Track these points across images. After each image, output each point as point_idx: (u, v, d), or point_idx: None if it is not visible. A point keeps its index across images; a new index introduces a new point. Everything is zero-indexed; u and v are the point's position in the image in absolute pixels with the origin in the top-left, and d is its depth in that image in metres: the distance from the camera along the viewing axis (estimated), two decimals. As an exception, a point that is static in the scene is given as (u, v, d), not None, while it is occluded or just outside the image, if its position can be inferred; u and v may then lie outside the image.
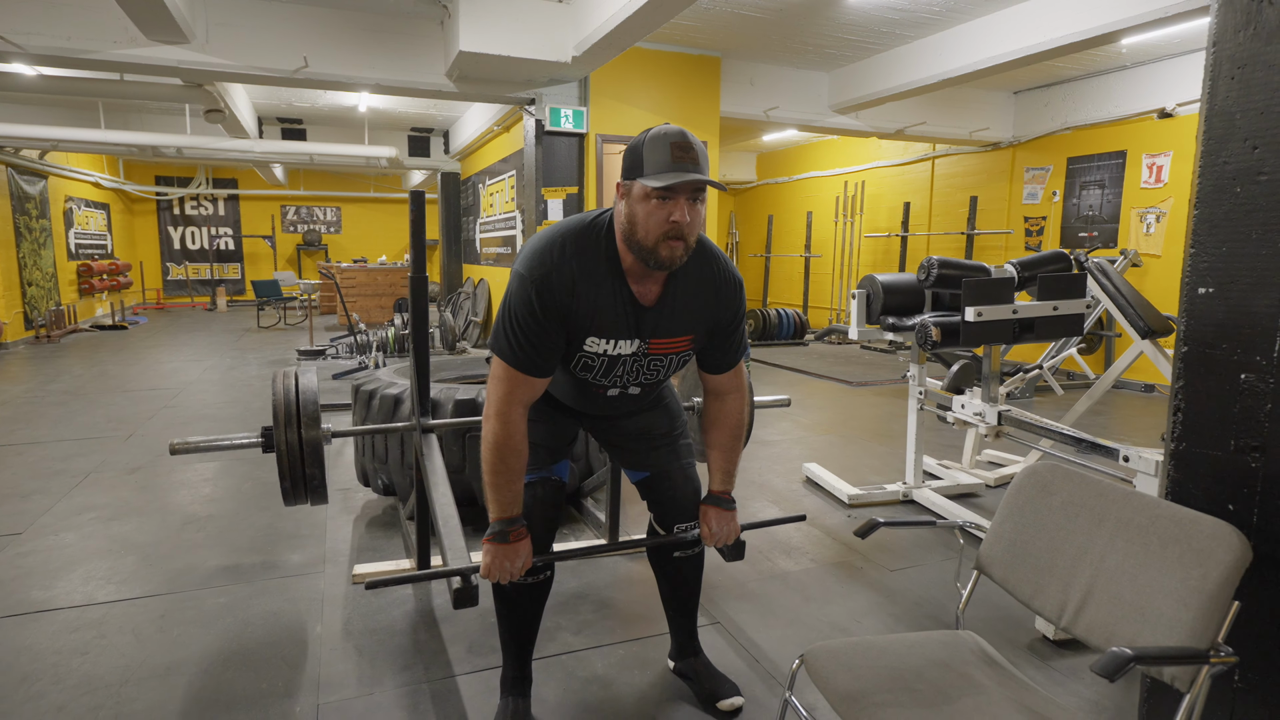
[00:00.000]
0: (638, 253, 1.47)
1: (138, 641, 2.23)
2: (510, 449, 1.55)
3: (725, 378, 1.74)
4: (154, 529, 3.11)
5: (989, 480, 3.74)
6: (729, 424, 1.77)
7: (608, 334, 1.55)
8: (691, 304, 1.60)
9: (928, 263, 2.93)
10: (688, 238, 1.45)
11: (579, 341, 1.56)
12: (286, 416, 2.13)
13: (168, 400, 5.62)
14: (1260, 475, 1.33)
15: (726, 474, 1.80)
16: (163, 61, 4.81)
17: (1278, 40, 1.28)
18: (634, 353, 1.60)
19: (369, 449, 3.23)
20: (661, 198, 1.41)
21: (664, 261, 1.46)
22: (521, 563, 1.60)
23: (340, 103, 8.48)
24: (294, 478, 2.16)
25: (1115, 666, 1.00)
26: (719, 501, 1.80)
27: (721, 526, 1.79)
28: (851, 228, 10.20)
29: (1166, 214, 6.57)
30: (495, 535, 1.58)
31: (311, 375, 2.24)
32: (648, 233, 1.43)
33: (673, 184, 1.38)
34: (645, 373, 1.66)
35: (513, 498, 1.58)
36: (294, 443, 2.13)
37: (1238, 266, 1.35)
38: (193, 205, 14.25)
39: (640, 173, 1.42)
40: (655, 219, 1.42)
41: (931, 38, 5.88)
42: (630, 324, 1.56)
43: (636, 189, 1.44)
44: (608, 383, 1.66)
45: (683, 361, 1.68)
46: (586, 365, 1.61)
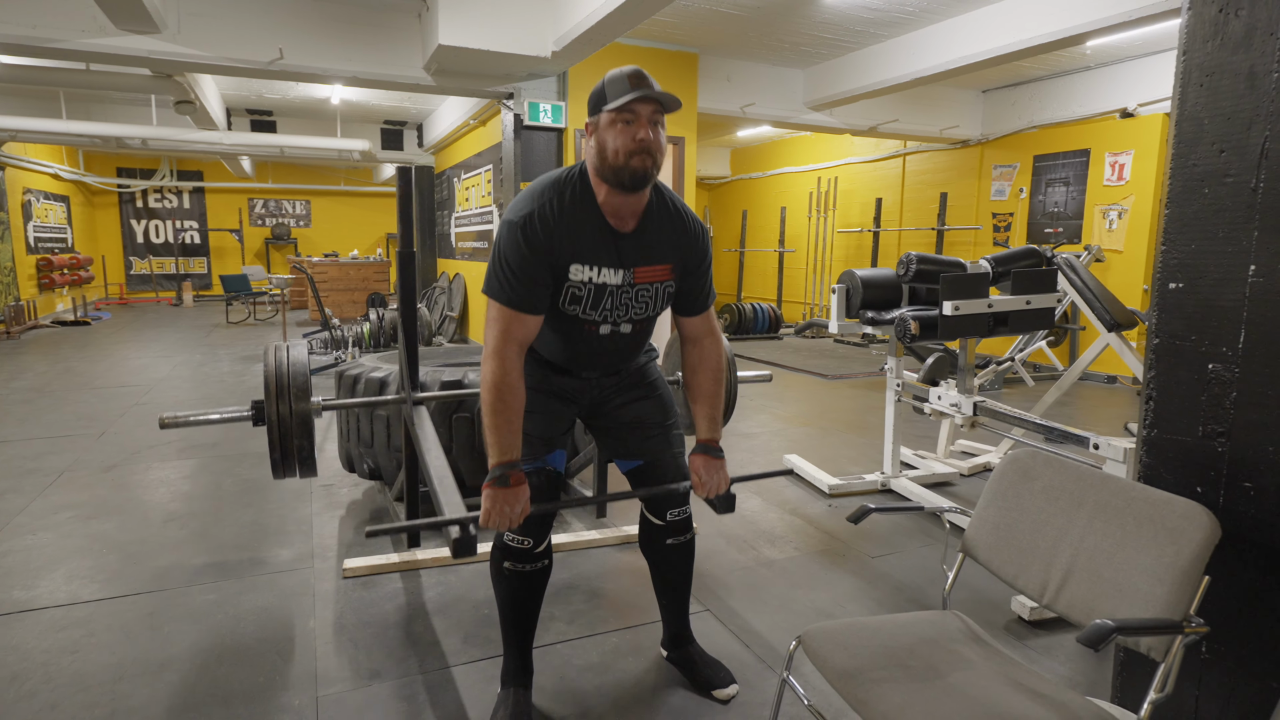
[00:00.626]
0: (611, 176, 1.59)
1: (128, 639, 2.22)
2: (508, 386, 1.60)
3: (700, 321, 1.83)
4: (135, 527, 3.08)
5: (963, 469, 3.86)
6: (709, 367, 1.83)
7: (590, 260, 1.64)
8: (664, 233, 1.72)
9: (907, 258, 3.01)
10: (654, 154, 1.58)
11: (564, 271, 1.63)
12: (278, 389, 2.13)
13: (139, 397, 5.52)
14: (1226, 459, 1.42)
15: (712, 421, 1.84)
16: (133, 51, 4.71)
17: (1242, 51, 1.36)
18: (620, 284, 1.68)
19: (354, 434, 3.23)
20: (626, 121, 1.56)
21: (636, 173, 1.57)
22: (521, 508, 1.61)
23: (312, 95, 8.36)
24: (284, 449, 2.16)
25: (1099, 636, 1.07)
26: (708, 450, 1.83)
27: (711, 475, 1.81)
28: (825, 223, 10.34)
29: (1128, 211, 6.79)
30: (495, 479, 1.59)
31: (302, 349, 2.25)
32: (617, 152, 1.56)
33: (633, 101, 1.54)
34: (634, 306, 1.73)
35: (512, 440, 1.61)
36: (285, 415, 2.14)
37: (1206, 263, 1.43)
38: (156, 198, 13.91)
39: (604, 105, 1.58)
40: (622, 139, 1.56)
41: (904, 37, 5.99)
42: (611, 251, 1.66)
43: (603, 119, 1.59)
44: (598, 318, 1.71)
45: (666, 295, 1.76)
46: (574, 297, 1.66)
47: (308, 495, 3.46)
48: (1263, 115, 1.33)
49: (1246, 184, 1.36)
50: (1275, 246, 1.32)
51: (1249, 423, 1.38)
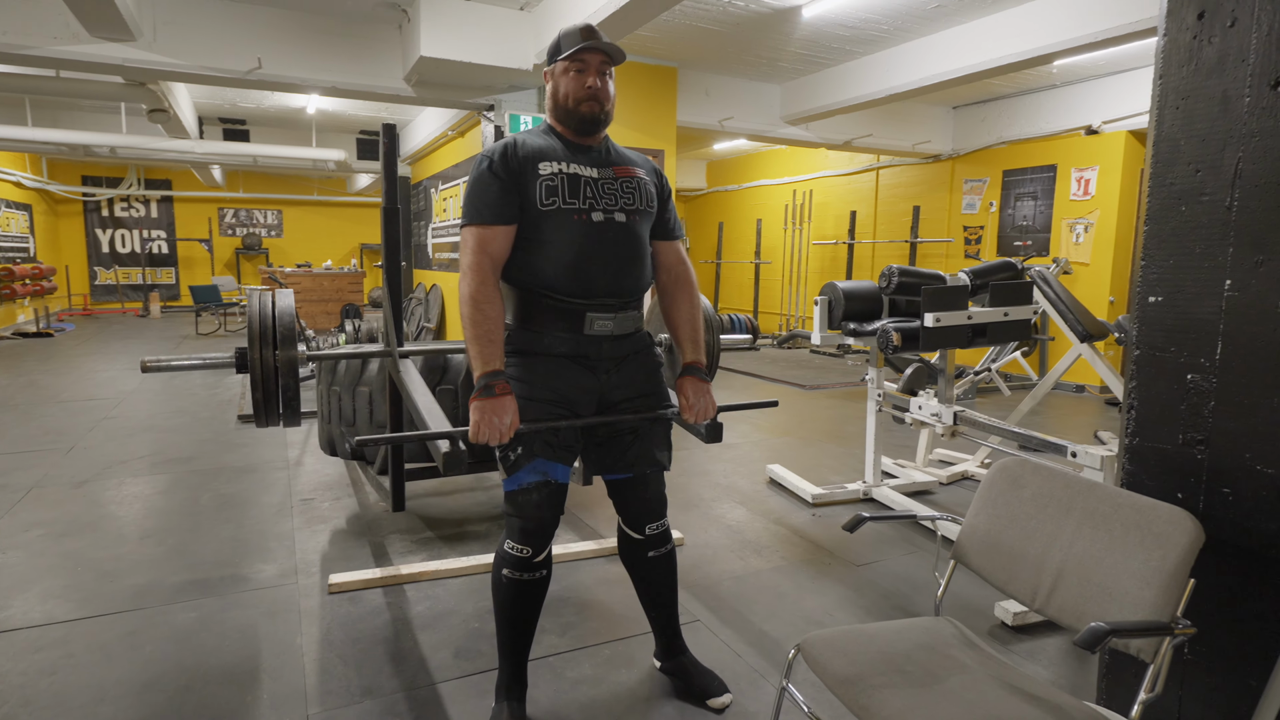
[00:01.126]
0: (565, 119, 1.77)
1: (108, 659, 2.17)
2: (485, 297, 1.66)
3: (672, 247, 1.94)
4: (109, 544, 3.01)
5: (942, 478, 3.92)
6: (686, 290, 1.93)
7: (556, 159, 1.75)
8: (627, 154, 1.90)
9: (889, 271, 3.07)
10: (603, 101, 1.75)
11: (534, 172, 1.72)
12: (262, 336, 2.11)
13: (107, 411, 5.39)
14: (1205, 466, 1.47)
15: (695, 342, 1.90)
16: (107, 59, 4.63)
17: (1216, 76, 1.43)
18: (598, 176, 1.77)
19: (335, 414, 3.21)
20: (578, 70, 1.73)
21: (585, 117, 1.74)
22: (510, 419, 1.62)
23: (287, 104, 8.28)
24: (267, 389, 2.13)
25: (1095, 639, 1.10)
26: (694, 371, 1.87)
27: (699, 398, 1.85)
28: (800, 235, 10.48)
29: (1094, 224, 6.99)
30: (481, 390, 1.62)
31: (289, 298, 2.22)
32: (568, 96, 1.74)
33: (581, 51, 1.71)
34: (621, 195, 1.79)
35: (494, 350, 1.65)
36: (269, 361, 2.11)
37: (1184, 278, 1.49)
38: (123, 207, 13.62)
39: (559, 55, 1.75)
40: (574, 85, 1.74)
41: (879, 54, 6.12)
42: (580, 154, 1.78)
43: (558, 67, 1.76)
44: (583, 205, 1.73)
45: (649, 197, 1.84)
46: (549, 189, 1.71)
47: (289, 510, 3.41)
48: (1236, 137, 1.39)
49: (1221, 202, 1.42)
50: (1249, 262, 1.39)
51: (1226, 431, 1.43)
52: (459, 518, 3.31)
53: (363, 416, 3.09)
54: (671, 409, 1.87)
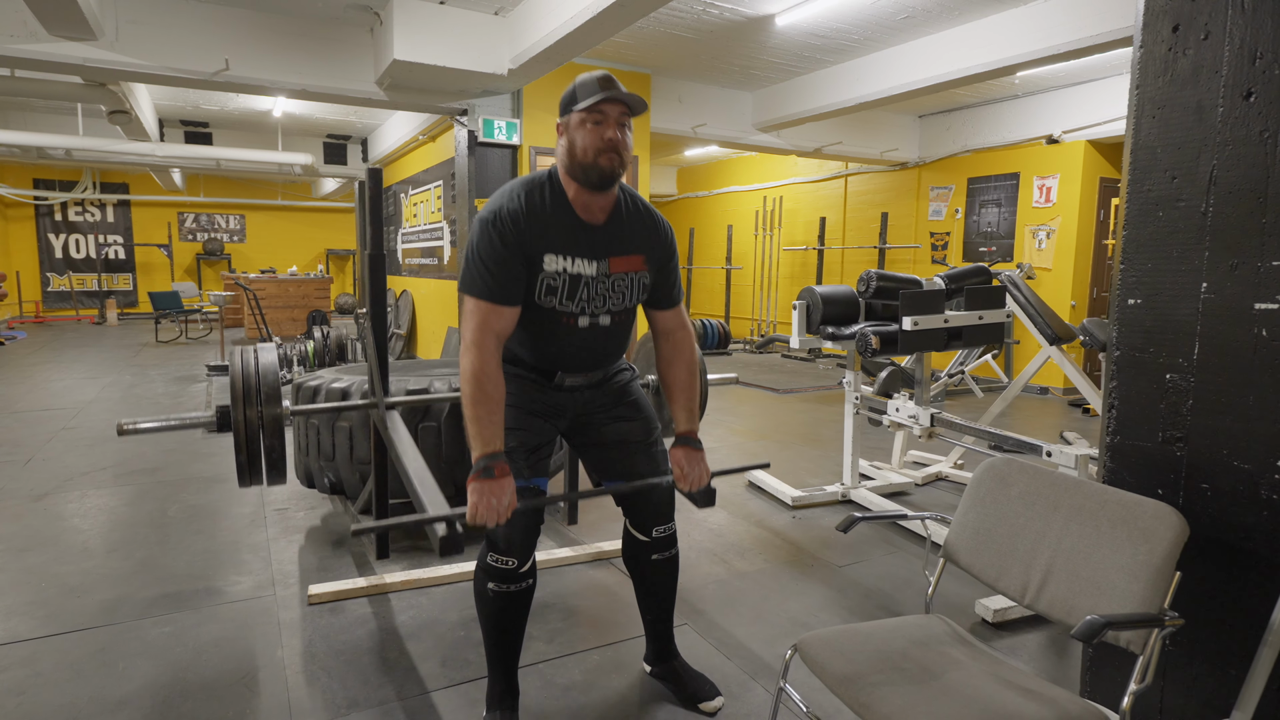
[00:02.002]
0: (581, 174, 1.67)
1: (78, 677, 2.09)
2: (488, 376, 1.62)
3: (672, 315, 1.89)
4: (74, 558, 2.90)
5: (917, 479, 3.99)
6: (684, 358, 1.89)
7: (562, 249, 1.69)
8: (635, 227, 1.79)
9: (867, 276, 3.12)
10: (621, 153, 1.65)
11: (538, 262, 1.68)
12: (245, 393, 2.06)
13: (66, 421, 5.21)
14: (1184, 463, 1.53)
15: (690, 412, 1.89)
16: (67, 59, 4.50)
17: (1191, 87, 1.48)
18: (595, 274, 1.73)
19: (314, 447, 3.14)
20: (596, 122, 1.63)
21: (604, 171, 1.65)
22: (508, 500, 1.60)
23: (252, 106, 8.12)
24: (251, 451, 2.08)
25: (1093, 631, 1.13)
26: (688, 441, 1.86)
27: (693, 467, 1.84)
28: (771, 241, 10.59)
29: (1055, 231, 7.19)
30: (480, 471, 1.58)
31: (272, 353, 2.18)
32: (585, 150, 1.64)
33: (601, 102, 1.62)
34: (611, 297, 1.76)
35: (494, 431, 1.62)
36: (253, 419, 2.06)
37: (1161, 281, 1.55)
38: (77, 211, 13.20)
39: (575, 105, 1.66)
40: (592, 138, 1.64)
41: (849, 63, 6.23)
42: (584, 242, 1.71)
43: (574, 119, 1.66)
44: (576, 309, 1.73)
45: (642, 286, 1.81)
46: (550, 288, 1.69)
47: (262, 521, 3.33)
48: (1210, 145, 1.45)
49: (1197, 208, 1.48)
50: (1225, 265, 1.44)
51: (1204, 428, 1.49)
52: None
53: (342, 452, 3.02)
54: (666, 477, 1.90)
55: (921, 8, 4.99)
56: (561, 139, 1.71)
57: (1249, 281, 1.41)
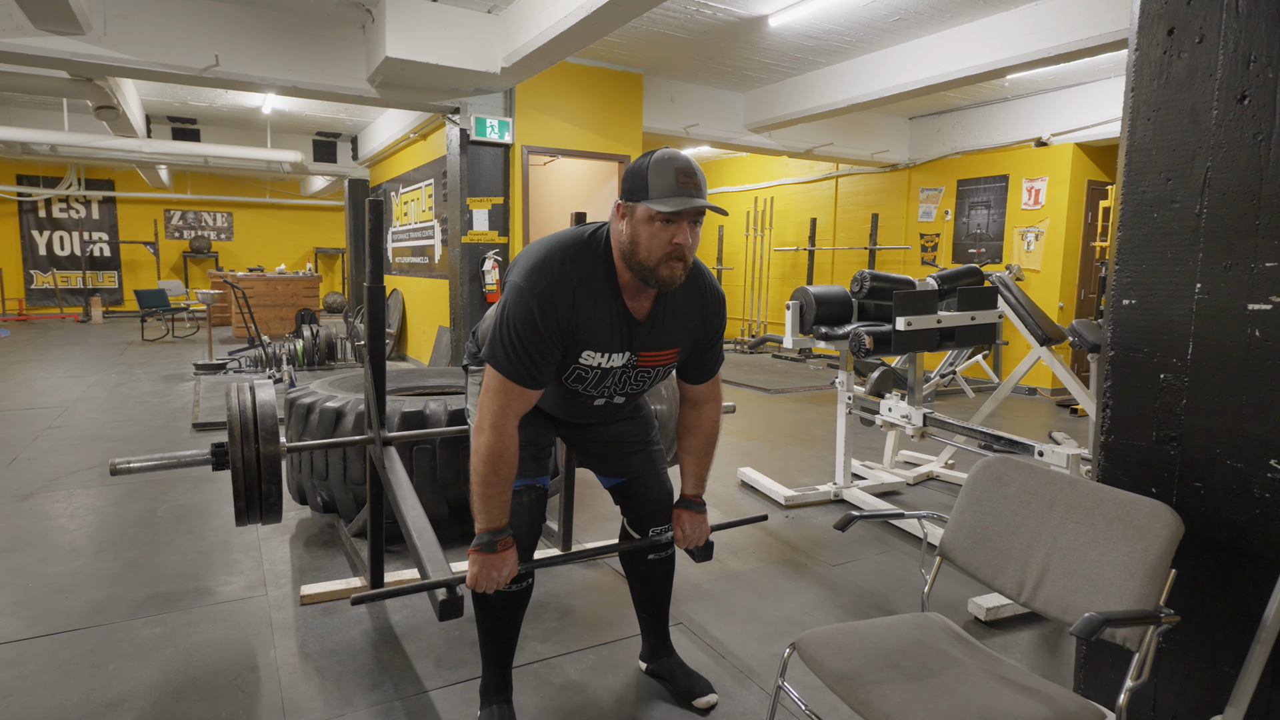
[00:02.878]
0: (637, 271, 1.54)
1: (69, 678, 2.06)
2: (505, 461, 1.57)
3: (704, 387, 1.83)
4: (62, 559, 2.87)
5: (909, 479, 4.01)
6: (705, 431, 1.86)
7: (602, 347, 1.61)
8: (680, 318, 1.67)
9: (861, 276, 3.13)
10: (687, 260, 1.53)
11: (574, 354, 1.60)
12: (243, 432, 2.04)
13: (51, 420, 5.14)
14: (1178, 462, 1.54)
15: (699, 479, 1.91)
16: (53, 53, 4.44)
17: (1185, 89, 1.50)
18: (624, 365, 1.66)
19: (306, 465, 3.10)
20: (666, 221, 1.47)
21: (664, 281, 1.53)
22: (508, 571, 1.62)
23: (241, 103, 8.05)
24: (250, 496, 2.07)
25: (1091, 628, 1.14)
26: (691, 505, 1.90)
27: (694, 529, 1.89)
28: (762, 241, 10.61)
29: (1044, 233, 7.25)
30: (483, 546, 1.60)
31: (269, 389, 2.16)
32: (650, 253, 1.50)
33: (680, 209, 1.45)
34: (632, 383, 1.73)
35: (502, 509, 1.61)
36: (250, 459, 2.05)
37: (1156, 281, 1.56)
38: (61, 208, 13.05)
39: (645, 195, 1.48)
40: (658, 241, 1.49)
41: (840, 65, 6.26)
42: (624, 336, 1.62)
43: (640, 211, 1.49)
44: (596, 393, 1.72)
45: (667, 372, 1.76)
46: (579, 377, 1.65)
47: (253, 520, 3.30)
48: (1205, 148, 1.47)
49: (1191, 209, 1.49)
50: (1219, 266, 1.46)
51: (1198, 428, 1.50)
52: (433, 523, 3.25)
53: (335, 472, 2.98)
54: (666, 535, 1.93)
55: (913, 10, 5.01)
56: (622, 222, 1.54)
57: (1242, 282, 1.42)
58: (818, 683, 1.83)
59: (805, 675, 2.06)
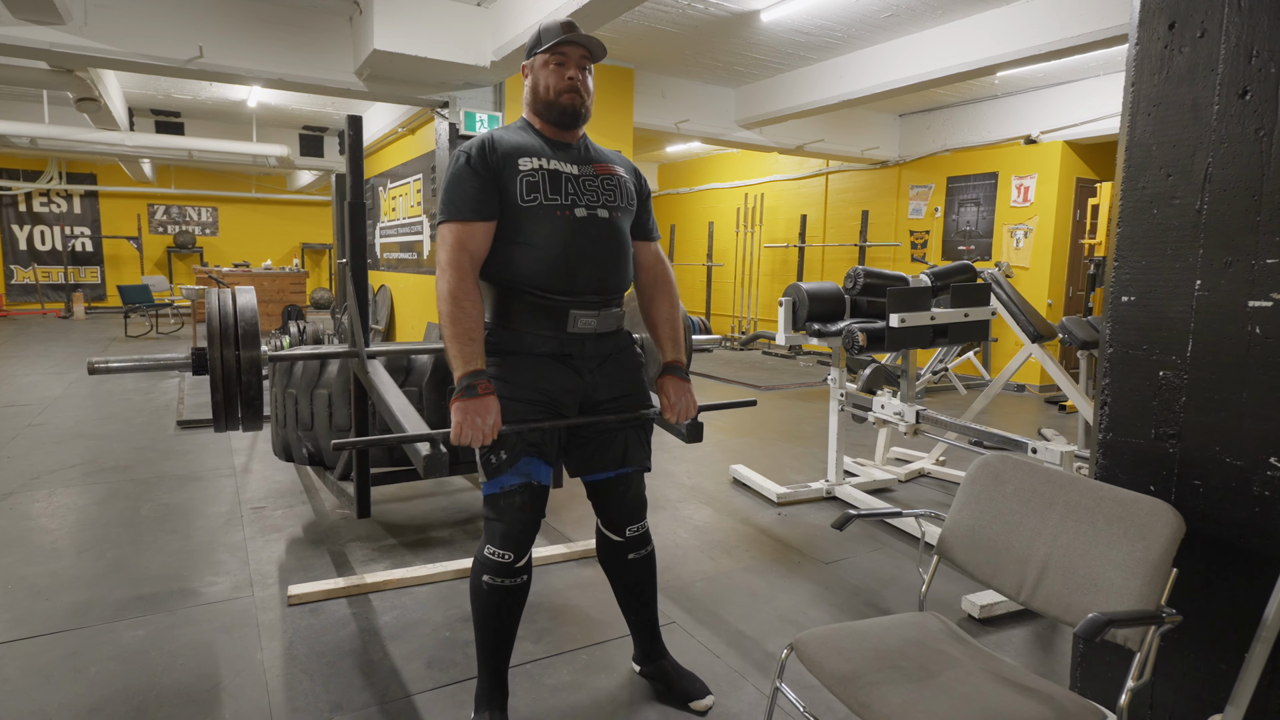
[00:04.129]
0: (545, 112, 1.76)
1: (49, 683, 2.02)
2: (465, 294, 1.63)
3: (652, 247, 1.93)
4: (43, 560, 2.81)
5: (900, 475, 4.01)
6: (665, 291, 1.92)
7: (535, 154, 1.73)
8: (606, 154, 1.88)
9: (854, 272, 3.12)
10: (582, 93, 1.75)
11: (514, 169, 1.69)
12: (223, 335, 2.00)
13: (31, 418, 5.06)
14: (1177, 460, 1.53)
15: (675, 342, 1.89)
16: (32, 43, 4.35)
17: (1186, 84, 1.48)
18: (578, 173, 1.76)
19: (292, 417, 3.07)
20: (558, 63, 1.73)
21: (566, 109, 1.73)
22: (493, 419, 1.58)
23: (226, 96, 7.94)
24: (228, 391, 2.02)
25: (1095, 629, 1.13)
26: (675, 371, 1.86)
27: (680, 398, 1.85)
28: (752, 238, 10.60)
29: (1033, 230, 7.27)
30: (463, 390, 1.58)
31: (251, 295, 2.12)
32: (548, 88, 1.73)
33: (562, 44, 1.71)
34: (603, 192, 1.78)
35: (475, 349, 1.61)
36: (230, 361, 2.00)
37: (1155, 278, 1.55)
38: (42, 202, 12.85)
39: (538, 49, 1.75)
40: (554, 78, 1.73)
41: (832, 61, 6.24)
42: (558, 152, 1.76)
43: (537, 60, 1.75)
44: (566, 201, 1.72)
45: (630, 195, 1.84)
46: (530, 185, 1.70)
47: (238, 520, 3.25)
48: (1206, 143, 1.45)
49: (1192, 205, 1.48)
50: (1219, 263, 1.45)
51: (1197, 425, 1.49)
52: (421, 523, 3.21)
53: (321, 420, 2.95)
54: (653, 409, 1.87)
55: (906, 6, 5.00)
56: (527, 80, 1.79)
57: (1243, 279, 1.41)
58: (814, 682, 1.81)
59: (802, 675, 2.04)
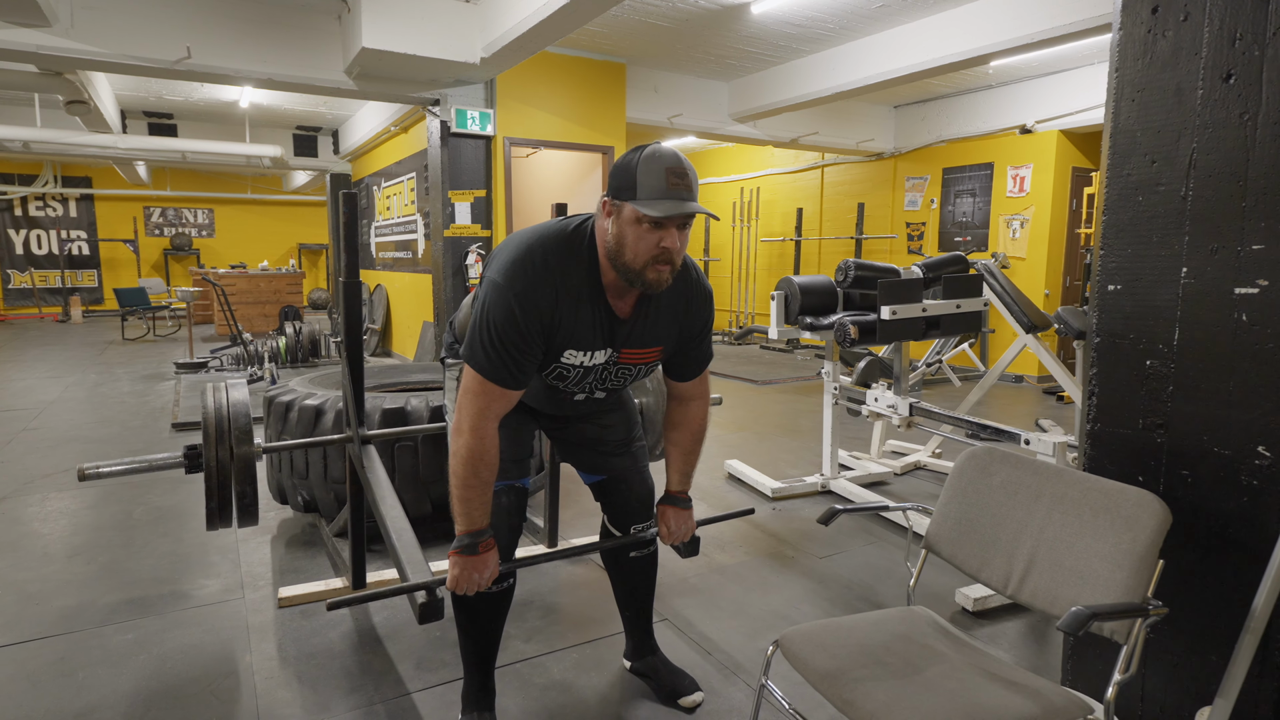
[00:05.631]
0: (622, 273, 1.47)
1: (35, 689, 2.01)
2: (485, 463, 1.52)
3: (693, 385, 1.78)
4: (33, 564, 2.80)
5: (896, 469, 3.99)
6: (692, 428, 1.83)
7: (585, 346, 1.56)
8: (664, 317, 1.62)
9: (845, 265, 3.10)
10: (675, 263, 1.47)
11: (556, 353, 1.56)
12: (218, 433, 1.98)
13: (27, 422, 5.05)
14: (1164, 450, 1.52)
15: (685, 475, 1.87)
16: (18, 46, 4.32)
17: (1170, 69, 1.46)
18: (605, 363, 1.62)
19: (286, 464, 3.04)
20: (654, 224, 1.41)
21: (650, 285, 1.46)
22: (489, 573, 1.58)
23: (218, 97, 7.91)
24: (222, 499, 2.02)
25: (1079, 622, 1.11)
26: (676, 501, 1.86)
27: (679, 525, 1.85)
28: (748, 232, 10.57)
29: (1029, 220, 7.24)
30: (464, 548, 1.55)
31: (243, 389, 2.10)
32: (636, 256, 1.43)
33: (669, 214, 1.39)
34: (613, 379, 1.69)
35: (483, 511, 1.56)
36: (225, 460, 1.99)
37: (1141, 266, 1.53)
38: (38, 206, 12.83)
39: (633, 195, 1.40)
40: (645, 243, 1.42)
41: (824, 53, 6.21)
42: (607, 335, 1.58)
43: (627, 211, 1.42)
44: (577, 389, 1.68)
45: (650, 369, 1.71)
46: (561, 375, 1.62)
47: (231, 521, 3.23)
48: (1190, 128, 1.43)
49: (1177, 192, 1.46)
50: (1205, 250, 1.43)
51: (1185, 414, 1.48)
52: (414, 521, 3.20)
53: (316, 471, 2.91)
54: (651, 530, 1.91)
55: (897, -4, 4.97)
56: (608, 220, 1.47)
57: (1229, 266, 1.39)
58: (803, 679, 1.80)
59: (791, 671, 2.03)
